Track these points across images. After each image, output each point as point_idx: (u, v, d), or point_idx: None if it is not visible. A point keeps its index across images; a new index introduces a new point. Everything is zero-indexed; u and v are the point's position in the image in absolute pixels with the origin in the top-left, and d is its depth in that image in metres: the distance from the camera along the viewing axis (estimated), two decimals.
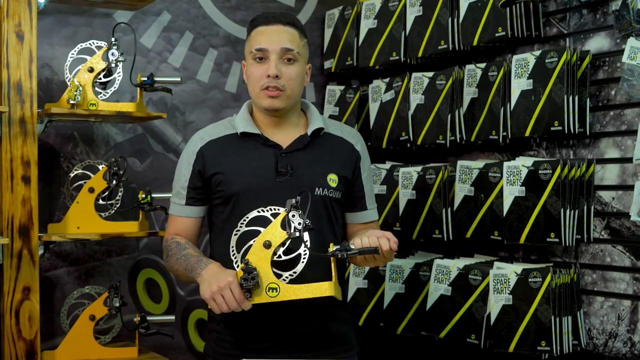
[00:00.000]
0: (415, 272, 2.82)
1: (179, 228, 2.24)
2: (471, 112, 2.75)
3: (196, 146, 2.22)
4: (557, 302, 2.40)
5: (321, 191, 2.18)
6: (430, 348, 2.92)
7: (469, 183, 2.69)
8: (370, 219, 2.32)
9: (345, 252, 1.96)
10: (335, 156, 2.24)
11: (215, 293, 1.93)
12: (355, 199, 2.29)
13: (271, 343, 2.14)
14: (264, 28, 2.18)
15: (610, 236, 2.44)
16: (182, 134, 3.12)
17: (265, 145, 2.19)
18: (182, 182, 2.23)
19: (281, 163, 2.17)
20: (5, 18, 2.53)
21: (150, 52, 3.07)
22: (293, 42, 2.17)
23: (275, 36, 2.16)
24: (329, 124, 2.30)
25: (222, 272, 1.98)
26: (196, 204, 2.23)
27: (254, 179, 2.15)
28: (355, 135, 2.32)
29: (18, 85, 2.54)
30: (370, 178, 2.33)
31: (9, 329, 2.52)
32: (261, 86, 2.15)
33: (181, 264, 2.12)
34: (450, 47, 2.82)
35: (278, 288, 1.96)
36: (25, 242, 2.54)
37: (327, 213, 2.20)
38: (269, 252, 1.96)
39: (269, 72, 2.13)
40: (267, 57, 2.15)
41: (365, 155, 2.32)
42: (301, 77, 2.20)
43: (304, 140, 2.21)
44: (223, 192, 2.17)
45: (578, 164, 2.44)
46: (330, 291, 1.96)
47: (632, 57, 2.25)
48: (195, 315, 3.12)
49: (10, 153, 2.53)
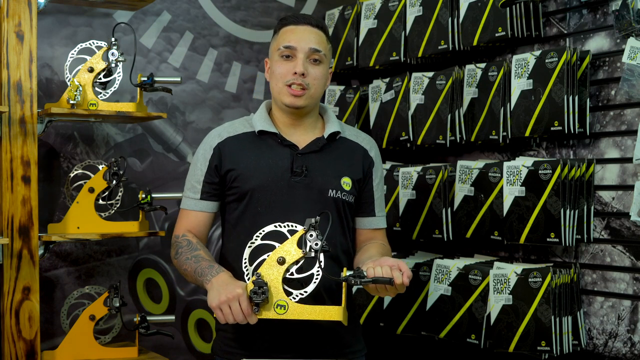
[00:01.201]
0: (415, 272, 2.82)
1: (191, 222, 2.24)
2: (471, 112, 2.75)
3: (214, 142, 2.24)
4: (557, 302, 2.40)
5: (334, 193, 2.19)
6: (430, 348, 2.92)
7: (469, 183, 2.69)
8: (377, 226, 2.33)
9: (359, 279, 1.95)
10: (350, 160, 2.26)
11: (223, 303, 1.94)
12: (364, 204, 2.30)
13: (276, 343, 2.15)
14: (294, 27, 2.21)
15: (610, 236, 2.44)
16: (182, 134, 3.12)
17: (281, 144, 2.21)
18: (198, 177, 2.24)
19: (297, 163, 2.18)
20: (5, 18, 2.53)
21: (150, 52, 3.07)
22: (321, 43, 2.20)
23: (304, 35, 2.19)
24: (346, 129, 2.32)
25: (233, 283, 1.98)
26: (210, 199, 2.24)
27: (269, 177, 2.17)
28: (370, 141, 2.35)
29: (18, 85, 2.54)
30: (381, 186, 2.34)
31: (9, 329, 2.52)
32: (285, 82, 2.17)
33: (191, 265, 2.12)
34: (450, 47, 2.82)
35: (287, 306, 1.95)
36: (25, 242, 2.54)
37: (339, 216, 2.21)
38: (282, 269, 1.95)
39: (296, 70, 2.16)
40: (295, 55, 2.18)
41: (379, 163, 2.34)
42: (325, 79, 2.23)
43: (320, 142, 2.23)
44: (238, 189, 2.19)
45: (578, 164, 2.44)
46: (338, 316, 1.96)
47: (632, 57, 2.25)
48: (195, 315, 3.12)
49: (10, 153, 2.53)
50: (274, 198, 2.15)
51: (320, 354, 2.16)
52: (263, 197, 2.16)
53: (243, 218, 2.18)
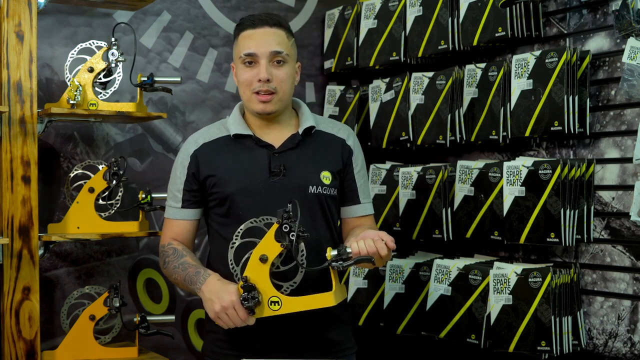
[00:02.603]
0: (415, 272, 2.82)
1: (175, 231, 2.25)
2: (471, 112, 2.75)
3: (190, 149, 2.23)
4: (557, 302, 2.40)
5: (315, 189, 2.18)
6: (430, 348, 2.92)
7: (469, 183, 2.69)
8: (364, 213, 2.31)
9: (342, 262, 1.97)
10: (328, 153, 2.25)
11: (220, 312, 1.98)
12: (348, 192, 2.29)
13: (268, 343, 2.15)
14: (251, 32, 2.18)
15: (610, 236, 2.44)
16: (182, 134, 3.12)
17: (258, 145, 2.20)
18: (178, 185, 2.24)
19: (274, 163, 2.18)
20: (5, 18, 2.53)
21: (150, 52, 3.07)
22: (281, 43, 2.17)
23: (263, 39, 2.16)
24: (320, 122, 2.30)
25: (223, 289, 2.00)
26: (192, 207, 2.24)
27: (247, 179, 2.16)
28: (346, 130, 2.33)
29: (18, 85, 2.54)
30: (363, 172, 2.33)
31: (9, 329, 2.52)
32: (252, 90, 2.16)
33: (179, 274, 2.14)
34: (450, 47, 2.82)
35: (280, 302, 1.97)
36: (25, 242, 2.54)
37: (323, 211, 2.21)
38: (266, 267, 1.96)
39: (260, 76, 2.14)
40: (257, 61, 2.16)
41: (358, 150, 2.32)
42: (292, 78, 2.21)
43: (296, 139, 2.22)
44: (218, 194, 2.19)
45: (578, 164, 2.44)
46: (332, 302, 1.97)
47: (632, 57, 2.25)
48: (195, 315, 3.12)
49: (10, 153, 2.53)
50: (254, 200, 2.14)
51: (311, 353, 2.16)
52: (244, 200, 2.15)
53: (226, 222, 2.18)
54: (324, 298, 1.98)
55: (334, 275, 2.02)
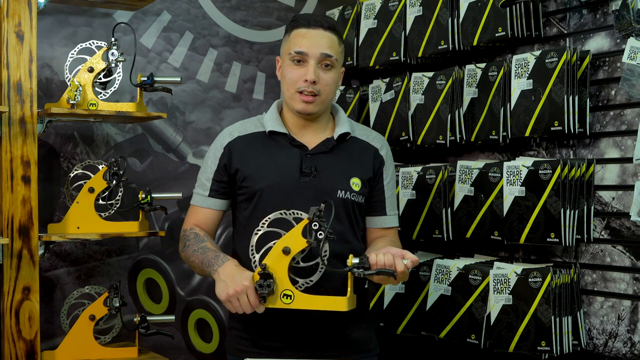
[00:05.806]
0: (415, 272, 2.82)
1: (199, 219, 2.27)
2: (471, 112, 2.75)
3: (224, 140, 2.25)
4: (557, 302, 2.40)
5: (343, 194, 2.20)
6: (430, 348, 2.92)
7: (469, 183, 2.69)
8: (389, 225, 2.33)
9: (363, 271, 1.96)
10: (360, 160, 2.26)
11: (232, 296, 1.97)
12: (375, 203, 2.30)
13: (288, 342, 2.16)
14: (305, 31, 2.19)
15: (610, 236, 2.44)
16: (182, 134, 3.12)
17: (291, 145, 2.22)
18: (208, 174, 2.26)
19: (306, 164, 2.19)
20: (5, 18, 2.53)
21: (150, 52, 3.07)
22: (332, 47, 2.19)
23: (316, 41, 2.17)
24: (356, 128, 2.32)
25: (239, 274, 1.99)
26: (219, 197, 2.26)
27: (278, 177, 2.18)
28: (380, 139, 2.35)
29: (18, 85, 2.54)
30: (393, 184, 2.34)
31: (9, 329, 2.52)
32: (296, 89, 2.17)
33: (198, 257, 2.14)
34: (450, 47, 2.82)
35: (292, 296, 1.97)
36: (25, 242, 2.54)
37: (349, 216, 2.21)
38: (287, 259, 1.97)
39: (307, 77, 2.15)
40: (306, 61, 2.17)
41: (390, 161, 2.33)
42: (336, 83, 2.23)
43: (330, 143, 2.23)
44: (247, 189, 2.20)
45: (578, 164, 2.44)
46: (344, 307, 1.97)
47: (632, 57, 2.25)
48: (195, 315, 3.12)
49: (10, 153, 2.53)
50: (283, 198, 2.15)
51: (333, 352, 2.17)
52: (272, 198, 2.16)
53: (252, 218, 2.18)
54: (337, 301, 1.98)
55: (351, 281, 2.01)
